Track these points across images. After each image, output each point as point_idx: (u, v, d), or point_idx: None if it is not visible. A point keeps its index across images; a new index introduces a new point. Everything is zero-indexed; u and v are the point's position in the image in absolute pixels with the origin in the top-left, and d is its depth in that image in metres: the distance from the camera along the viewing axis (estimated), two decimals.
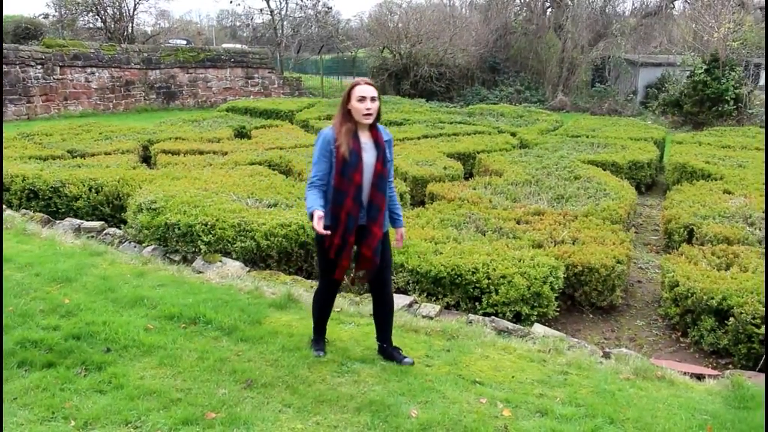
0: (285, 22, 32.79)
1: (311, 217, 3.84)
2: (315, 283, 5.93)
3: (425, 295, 5.47)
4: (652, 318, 5.99)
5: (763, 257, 6.05)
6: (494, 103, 21.22)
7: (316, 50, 34.80)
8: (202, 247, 6.38)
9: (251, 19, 35.04)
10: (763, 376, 4.54)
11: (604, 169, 9.86)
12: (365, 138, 3.97)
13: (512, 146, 11.83)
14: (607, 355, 4.64)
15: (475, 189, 8.25)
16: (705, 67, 20.80)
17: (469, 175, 10.23)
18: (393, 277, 5.61)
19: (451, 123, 14.59)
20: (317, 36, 33.79)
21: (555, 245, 6.14)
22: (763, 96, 21.97)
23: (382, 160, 3.97)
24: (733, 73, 20.69)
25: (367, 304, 5.33)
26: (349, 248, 3.95)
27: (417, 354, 4.35)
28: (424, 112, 16.50)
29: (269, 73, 26.63)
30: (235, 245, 6.35)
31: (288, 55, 32.91)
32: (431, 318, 5.03)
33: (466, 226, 6.64)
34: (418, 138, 12.32)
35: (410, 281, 5.54)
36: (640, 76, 28.75)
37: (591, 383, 4.08)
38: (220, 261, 6.26)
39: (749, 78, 23.25)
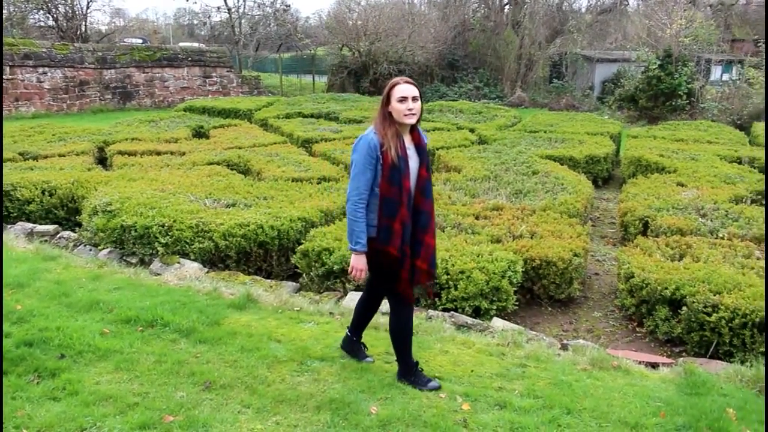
0: (243, 21, 32.50)
1: (354, 251, 3.64)
2: (274, 283, 5.92)
3: None
4: (609, 309, 6.10)
5: (714, 247, 6.20)
6: (453, 100, 21.34)
7: (275, 48, 34.56)
8: (159, 248, 6.30)
9: (209, 18, 34.65)
10: (714, 362, 4.66)
11: (562, 164, 10.00)
12: (408, 142, 3.73)
13: (471, 142, 11.92)
14: (564, 347, 4.72)
15: (434, 185, 8.28)
16: (659, 62, 21.23)
17: None
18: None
19: None
20: (276, 34, 33.56)
21: (513, 240, 6.21)
22: (714, 90, 22.51)
23: (426, 165, 3.77)
24: (685, 69, 21.17)
25: (326, 303, 5.33)
26: (407, 260, 3.70)
27: (377, 351, 4.36)
28: None
29: (227, 72, 26.37)
30: (193, 246, 6.28)
31: (246, 53, 32.61)
32: None
33: None
34: None
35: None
36: (596, 71, 29.21)
37: (549, 375, 4.14)
38: (178, 262, 6.19)
39: (701, 73, 23.79)
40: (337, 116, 15.30)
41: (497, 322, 5.05)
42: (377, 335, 4.63)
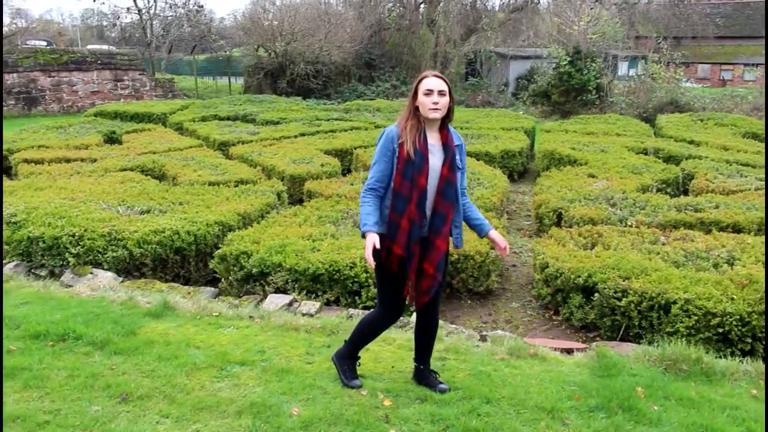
0: (155, 22, 31.66)
1: (363, 236, 3.49)
2: (193, 289, 5.81)
3: (305, 293, 5.47)
4: (526, 299, 6.27)
5: (623, 235, 6.47)
6: (371, 99, 21.45)
7: (189, 50, 33.84)
8: (70, 259, 6.08)
9: (118, 19, 33.55)
10: (625, 344, 4.86)
11: (478, 159, 10.21)
12: (433, 140, 3.57)
13: None
14: (483, 338, 4.82)
15: (352, 185, 8.32)
16: (569, 59, 21.94)
17: (347, 171, 10.31)
18: (272, 277, 5.58)
19: (328, 120, 14.63)
20: (189, 36, 32.86)
21: None
22: (622, 85, 23.44)
23: (449, 164, 3.55)
24: (594, 65, 21.95)
25: (246, 306, 5.27)
26: (414, 260, 3.53)
27: (297, 352, 4.35)
28: (301, 110, 16.43)
29: (140, 75, 25.63)
30: (106, 255, 6.09)
31: (159, 55, 31.79)
32: (311, 315, 5.05)
33: (344, 222, 6.69)
34: (295, 136, 12.27)
35: (289, 280, 5.52)
36: (510, 68, 29.94)
37: (468, 366, 4.23)
38: (91, 273, 5.99)
39: (609, 69, 24.72)
40: (254, 118, 15.13)
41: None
42: (297, 336, 4.63)
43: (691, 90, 23.56)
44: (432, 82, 3.51)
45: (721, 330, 4.77)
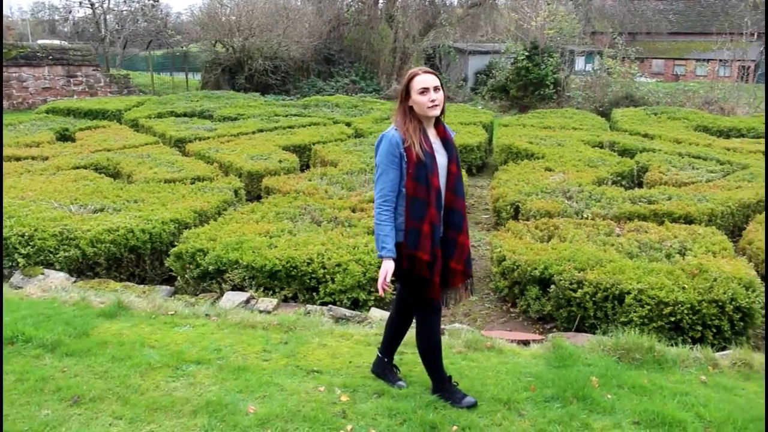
0: (109, 16, 31.04)
1: (380, 258, 3.36)
2: (148, 288, 5.72)
3: (262, 289, 5.42)
4: (484, 292, 6.32)
5: (579, 227, 6.56)
6: (330, 95, 21.36)
7: (145, 46, 33.26)
8: (20, 260, 5.94)
9: (70, 13, 32.81)
10: (580, 335, 4.93)
11: None
12: (433, 137, 3.47)
13: (347, 136, 11.99)
14: (441, 332, 4.83)
15: (310, 180, 8.28)
16: (526, 54, 22.17)
17: (305, 167, 10.25)
18: (229, 274, 5.52)
19: (287, 116, 14.52)
20: (145, 31, 32.31)
21: None
22: (578, 79, 23.77)
23: (456, 160, 3.50)
24: (551, 60, 22.22)
25: (202, 304, 5.21)
26: (439, 263, 3.43)
27: (254, 349, 4.32)
28: (259, 106, 16.28)
29: (94, 70, 25.08)
30: (58, 255, 5.96)
31: (114, 51, 31.21)
32: (269, 312, 5.01)
33: (301, 218, 6.65)
34: (253, 132, 12.15)
35: (246, 277, 5.47)
36: (469, 63, 30.13)
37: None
38: (42, 273, 5.85)
39: (566, 64, 25.04)
40: (212, 114, 14.95)
41: (375, 313, 5.12)
42: (254, 333, 4.59)
43: (646, 84, 24.03)
44: (426, 79, 3.35)
45: (672, 319, 4.87)
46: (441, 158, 3.44)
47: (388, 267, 3.35)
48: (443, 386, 3.72)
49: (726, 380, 4.12)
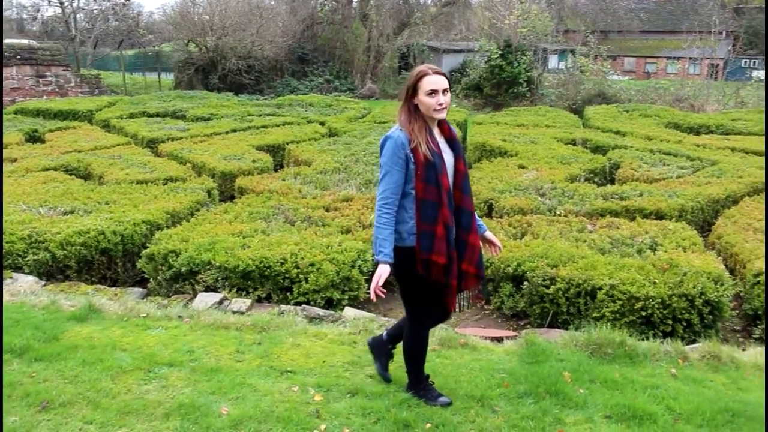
0: (78, 15, 30.60)
1: (376, 263, 3.25)
2: (120, 290, 5.66)
3: (235, 290, 5.39)
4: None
5: (552, 224, 6.61)
6: (305, 94, 21.30)
7: (116, 45, 32.84)
8: None
9: (39, 12, 32.28)
10: (553, 331, 4.97)
11: None
12: (438, 136, 3.39)
13: (321, 135, 11.96)
14: None
15: (284, 180, 8.25)
16: (500, 52, 22.31)
17: (279, 167, 10.20)
18: (202, 275, 5.48)
19: (260, 116, 14.45)
20: (116, 30, 31.89)
21: (363, 229, 6.30)
22: (551, 77, 23.96)
23: (463, 159, 3.42)
24: (524, 58, 22.38)
25: (175, 306, 5.16)
26: (455, 265, 3.33)
27: (228, 351, 4.29)
28: (232, 105, 16.17)
29: (64, 70, 24.69)
30: (26, 258, 5.87)
31: (85, 51, 30.77)
32: (242, 313, 4.97)
33: (275, 218, 6.62)
34: (226, 132, 12.07)
35: (219, 278, 5.43)
36: (443, 62, 30.21)
37: (399, 359, 4.21)
38: (11, 277, 5.75)
39: (539, 62, 25.23)
40: (184, 114, 14.82)
41: (349, 312, 5.11)
42: (227, 335, 4.55)
43: (618, 82, 24.29)
44: (435, 80, 3.25)
45: (644, 313, 4.93)
46: (448, 157, 3.37)
47: (382, 272, 3.23)
48: (419, 385, 3.71)
49: (695, 373, 4.18)
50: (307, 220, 6.58)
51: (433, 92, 3.24)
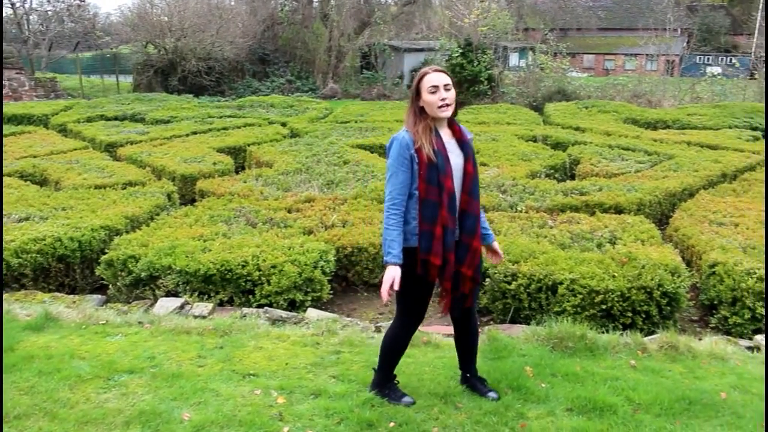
0: (32, 17, 29.91)
1: (385, 264, 3.23)
2: (78, 297, 5.55)
3: (197, 294, 5.32)
4: None
5: (513, 220, 6.67)
6: (266, 95, 21.16)
7: (72, 47, 32.20)
8: None
9: None
10: (515, 326, 5.01)
11: (372, 152, 10.25)
12: (447, 137, 3.38)
13: (283, 136, 11.89)
14: (378, 329, 4.85)
15: (245, 182, 8.18)
16: (461, 51, 22.43)
17: (240, 169, 10.12)
18: (162, 280, 5.40)
19: (221, 117, 14.31)
20: (72, 32, 31.27)
21: (325, 230, 6.28)
22: (512, 75, 24.17)
23: (472, 160, 3.38)
24: (485, 56, 22.52)
25: (135, 312, 5.08)
26: (450, 267, 3.34)
27: (189, 356, 4.23)
28: (193, 108, 15.98)
29: (17, 74, 24.14)
30: None
31: (39, 53, 30.05)
32: (204, 317, 4.92)
33: (236, 221, 6.56)
34: (187, 135, 11.92)
35: (180, 282, 5.36)
36: (405, 61, 30.25)
37: (363, 358, 4.24)
38: None
39: (499, 60, 25.43)
40: (144, 117, 14.61)
41: (312, 313, 5.09)
42: (188, 339, 4.50)
43: (577, 79, 24.57)
44: (435, 77, 3.29)
45: (604, 306, 5.00)
46: (456, 159, 3.35)
47: (394, 274, 3.21)
48: (385, 384, 3.71)
49: (654, 363, 4.25)
50: (269, 221, 6.53)
51: (434, 89, 3.27)
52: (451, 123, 3.44)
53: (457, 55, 22.30)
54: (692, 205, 7.39)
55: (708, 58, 36.67)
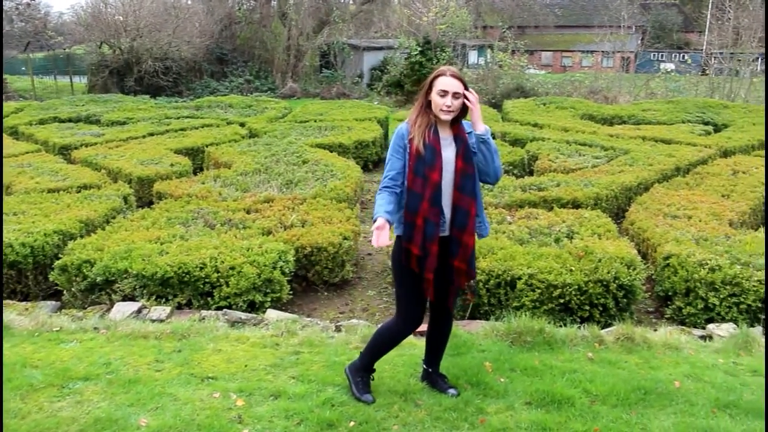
0: None
1: (374, 221, 3.31)
2: (31, 304, 5.42)
3: (154, 298, 5.24)
4: (382, 287, 6.36)
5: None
6: (225, 95, 20.93)
7: (23, 47, 31.47)
8: None
9: None
10: (475, 322, 5.04)
11: (332, 151, 10.22)
12: (446, 133, 3.43)
13: (241, 136, 11.76)
14: (338, 329, 4.83)
15: (204, 183, 8.08)
16: (419, 49, 22.52)
17: (198, 170, 9.99)
18: (118, 284, 5.31)
19: (178, 118, 14.09)
20: (22, 31, 30.56)
21: (284, 230, 6.24)
22: (471, 73, 24.32)
23: (463, 155, 3.39)
24: (444, 54, 22.66)
25: (91, 317, 4.98)
26: (431, 259, 3.35)
27: (146, 360, 4.17)
28: (149, 109, 15.71)
29: None
30: None
31: None
32: (162, 321, 4.84)
33: (194, 222, 6.48)
34: (143, 136, 11.72)
35: (137, 286, 5.26)
36: (364, 59, 30.26)
37: (322, 358, 4.22)
38: None
39: (458, 57, 25.61)
40: (99, 119, 14.32)
41: (272, 314, 5.05)
42: (146, 344, 4.42)
43: (535, 76, 24.89)
44: (448, 82, 3.33)
45: (562, 300, 5.07)
46: (448, 153, 3.41)
47: (378, 222, 3.27)
48: (362, 372, 3.76)
49: (611, 355, 4.32)
50: (228, 223, 6.46)
51: (443, 93, 3.33)
52: (455, 122, 3.47)
53: (416, 53, 22.39)
54: (647, 199, 7.53)
55: (662, 55, 37.47)
